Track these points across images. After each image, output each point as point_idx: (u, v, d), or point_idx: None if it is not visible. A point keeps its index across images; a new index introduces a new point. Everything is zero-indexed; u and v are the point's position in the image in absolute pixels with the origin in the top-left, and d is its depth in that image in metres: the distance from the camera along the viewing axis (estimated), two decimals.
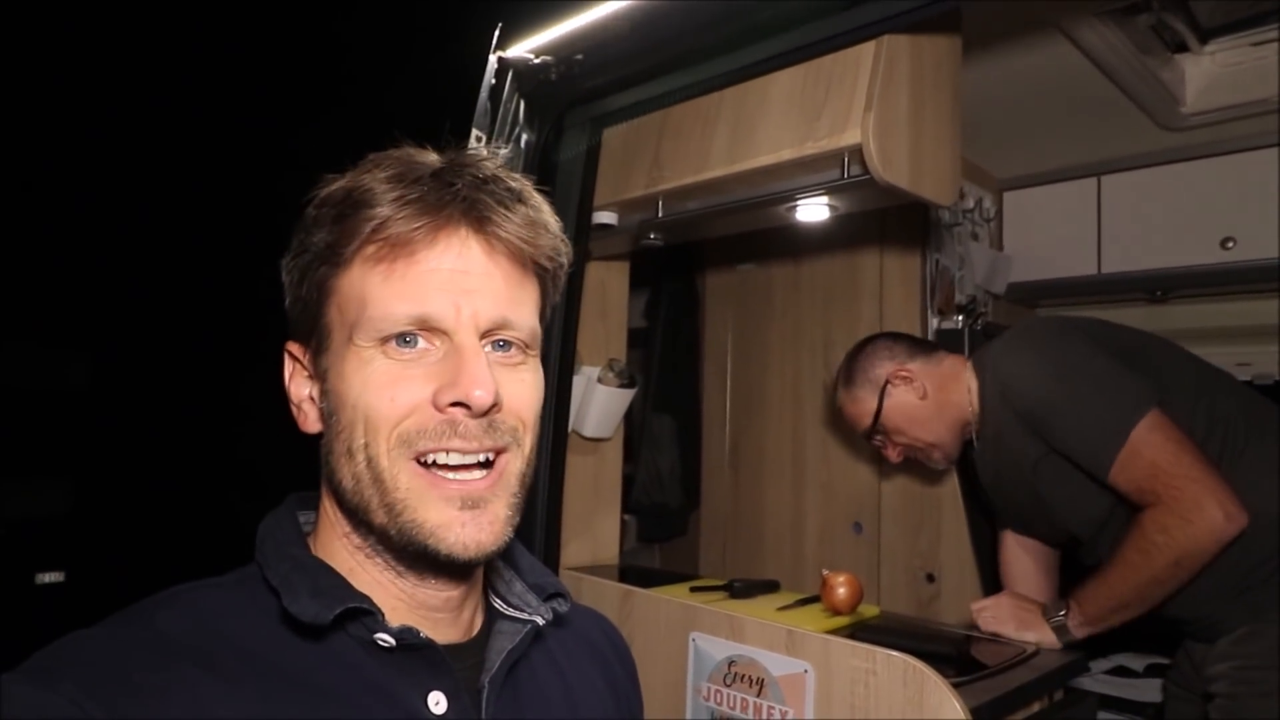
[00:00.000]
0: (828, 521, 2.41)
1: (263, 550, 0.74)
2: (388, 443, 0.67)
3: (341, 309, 0.70)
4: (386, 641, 0.69)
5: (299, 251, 0.72)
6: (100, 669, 0.61)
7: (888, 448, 1.87)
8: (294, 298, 0.74)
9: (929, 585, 2.21)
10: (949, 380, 1.78)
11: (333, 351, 0.70)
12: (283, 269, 0.75)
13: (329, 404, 0.71)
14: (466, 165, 0.70)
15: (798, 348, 2.50)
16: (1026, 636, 1.57)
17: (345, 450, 0.69)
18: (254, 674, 0.65)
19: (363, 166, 0.71)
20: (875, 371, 1.82)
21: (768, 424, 2.55)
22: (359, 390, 0.68)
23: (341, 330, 0.70)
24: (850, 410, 1.88)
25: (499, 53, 1.65)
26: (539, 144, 1.68)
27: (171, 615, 0.67)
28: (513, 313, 0.71)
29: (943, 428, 1.79)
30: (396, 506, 0.67)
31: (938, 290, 2.27)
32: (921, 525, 2.24)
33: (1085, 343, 1.61)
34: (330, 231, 0.69)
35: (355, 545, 0.73)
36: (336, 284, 0.70)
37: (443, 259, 0.68)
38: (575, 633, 0.89)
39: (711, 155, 1.56)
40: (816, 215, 1.60)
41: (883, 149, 1.33)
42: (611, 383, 2.01)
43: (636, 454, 2.70)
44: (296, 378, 0.76)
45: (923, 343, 1.89)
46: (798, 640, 1.35)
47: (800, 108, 1.43)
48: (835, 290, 2.43)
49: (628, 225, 1.79)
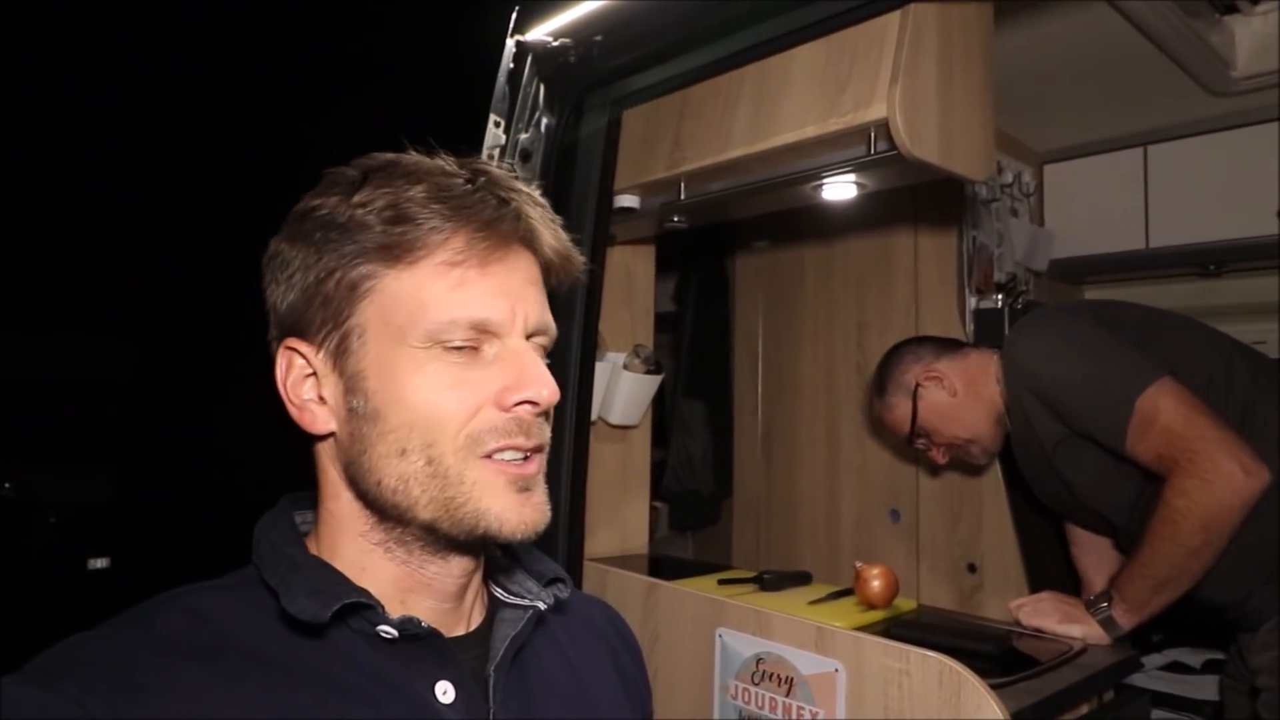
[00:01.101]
0: (864, 509, 2.35)
1: (259, 551, 0.74)
2: (455, 442, 0.69)
3: (387, 310, 0.70)
4: (389, 633, 0.69)
5: (325, 248, 0.71)
6: (102, 669, 0.61)
7: (932, 450, 1.87)
8: (306, 294, 0.72)
9: (970, 575, 2.14)
10: (977, 374, 1.78)
11: (370, 352, 0.70)
12: (284, 264, 0.73)
13: (366, 404, 0.70)
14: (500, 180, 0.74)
15: (830, 330, 2.44)
16: (1072, 631, 1.51)
17: (395, 451, 0.69)
18: (258, 672, 0.65)
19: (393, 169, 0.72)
20: (904, 377, 1.84)
21: (801, 408, 2.50)
22: (419, 392, 0.69)
23: (385, 330, 0.70)
24: (888, 419, 1.90)
25: (517, 36, 1.62)
26: (559, 127, 1.64)
27: (172, 617, 0.67)
28: (547, 318, 0.76)
29: (977, 422, 1.78)
30: (459, 499, 0.69)
31: (975, 269, 2.19)
32: (962, 512, 2.17)
33: (1091, 321, 1.61)
34: (385, 235, 0.69)
35: (374, 542, 0.73)
36: (382, 285, 0.70)
37: (502, 272, 0.72)
38: (579, 619, 0.90)
39: (733, 135, 1.51)
40: (843, 194, 1.55)
41: (910, 123, 1.27)
42: (637, 369, 1.98)
43: (667, 440, 2.67)
44: (296, 376, 0.74)
45: (947, 341, 1.90)
46: (827, 638, 1.31)
47: (823, 83, 1.37)
48: (868, 271, 2.36)
49: (650, 208, 1.75)
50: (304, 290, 0.72)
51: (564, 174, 1.65)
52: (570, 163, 1.65)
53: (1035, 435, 1.67)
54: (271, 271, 0.74)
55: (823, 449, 2.44)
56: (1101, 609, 1.51)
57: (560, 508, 1.57)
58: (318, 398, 0.73)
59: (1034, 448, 1.70)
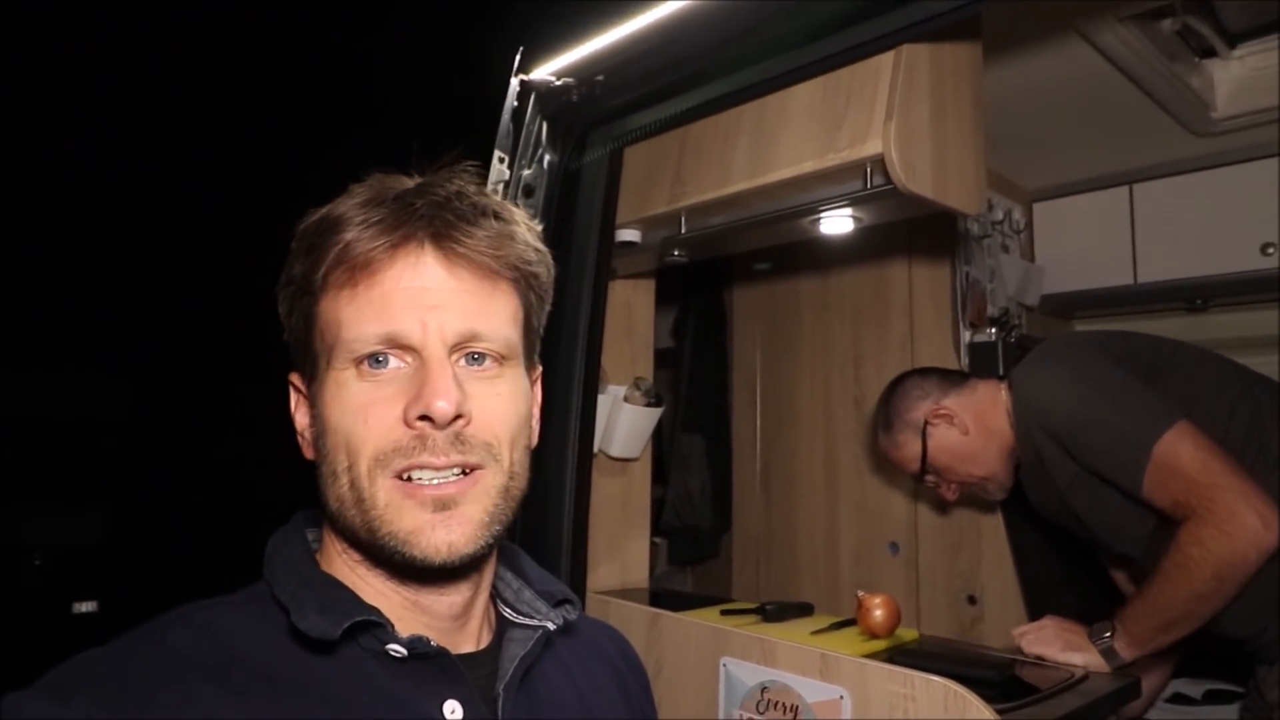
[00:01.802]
0: (863, 541, 2.36)
1: (270, 567, 0.75)
2: (367, 464, 0.68)
3: (322, 335, 0.71)
4: (398, 652, 0.69)
5: (285, 284, 0.75)
6: (113, 685, 0.61)
7: (942, 487, 1.83)
8: (288, 329, 0.76)
9: (971, 607, 2.15)
10: (987, 409, 1.74)
11: (318, 379, 0.72)
12: (278, 302, 0.77)
13: (317, 429, 0.73)
14: (431, 185, 0.72)
15: (828, 364, 2.46)
16: (1073, 659, 1.51)
17: (331, 473, 0.70)
18: (268, 688, 0.65)
19: (340, 197, 0.73)
20: (912, 414, 1.79)
21: (799, 442, 2.52)
22: (339, 414, 0.70)
23: (323, 356, 0.71)
24: (895, 456, 1.85)
25: (521, 75, 1.67)
26: (561, 164, 1.69)
27: (183, 632, 0.67)
28: (482, 324, 0.71)
29: (990, 459, 1.75)
30: (375, 522, 0.68)
31: (969, 303, 2.23)
32: (961, 544, 2.18)
33: (1103, 358, 1.58)
34: (304, 261, 0.71)
35: (355, 560, 0.74)
36: (317, 311, 0.72)
37: (402, 277, 0.69)
38: (586, 642, 0.90)
39: (733, 170, 1.55)
40: (840, 227, 1.58)
41: (905, 158, 1.31)
42: (638, 401, 1.99)
43: (666, 475, 2.68)
44: (300, 407, 0.78)
45: (951, 374, 1.86)
46: (832, 665, 1.31)
47: (820, 119, 1.42)
48: (864, 305, 2.40)
49: (651, 242, 1.78)
50: (287, 326, 0.76)
51: (566, 209, 1.69)
52: (572, 198, 1.69)
53: (1048, 472, 1.65)
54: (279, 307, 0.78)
55: (821, 482, 2.45)
56: (1104, 639, 1.51)
57: (563, 539, 1.58)
58: (309, 424, 0.76)
59: (1047, 484, 1.68)
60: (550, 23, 1.65)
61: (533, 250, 0.76)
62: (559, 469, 1.57)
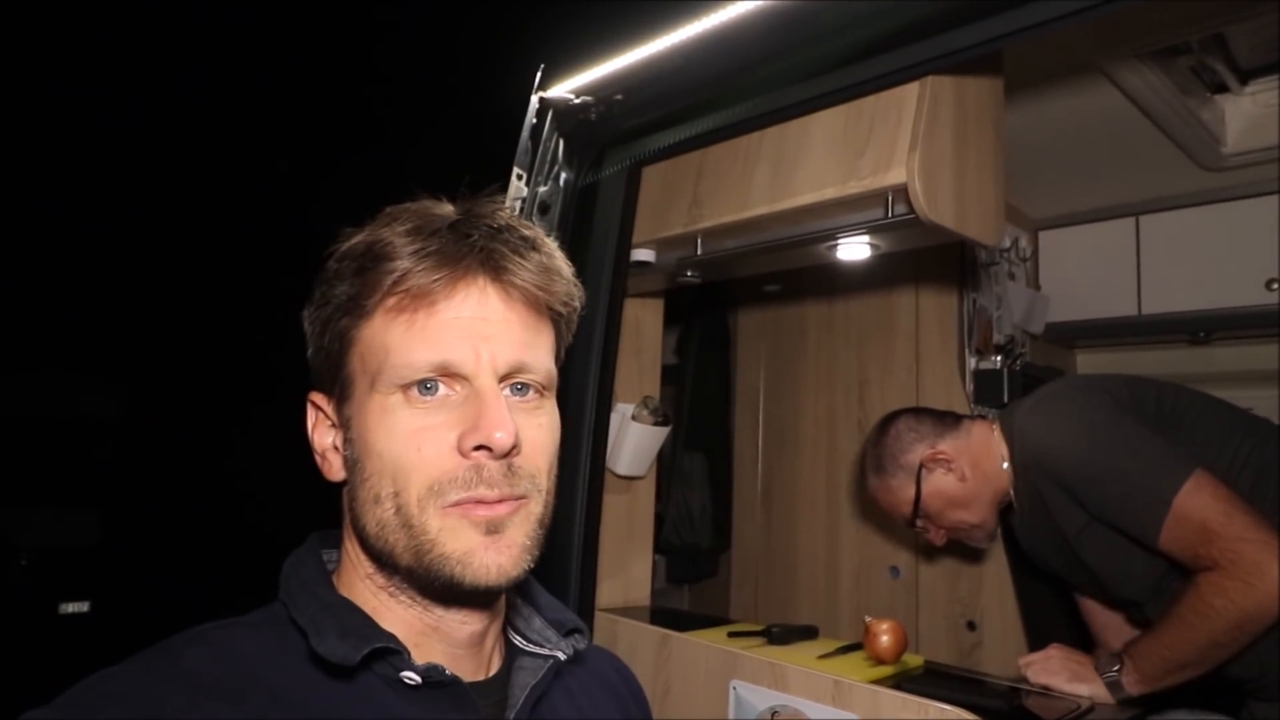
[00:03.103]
0: (863, 564, 2.36)
1: (288, 589, 0.74)
2: (418, 492, 0.68)
3: (363, 358, 0.71)
4: (413, 679, 0.70)
5: (321, 303, 0.74)
6: (133, 708, 0.61)
7: (930, 533, 1.80)
8: (316, 347, 0.76)
9: (970, 633, 2.15)
10: (982, 454, 1.71)
11: (355, 400, 0.72)
12: (304, 320, 0.76)
13: (353, 451, 0.72)
14: (482, 216, 0.73)
15: (832, 387, 2.47)
16: (1079, 690, 1.51)
17: (371, 497, 0.70)
18: (282, 713, 0.65)
19: (380, 220, 0.73)
20: (907, 457, 1.75)
21: (801, 463, 2.52)
22: (385, 440, 0.69)
23: (364, 379, 0.71)
24: (886, 500, 1.81)
25: (540, 93, 1.67)
26: (578, 182, 1.69)
27: (200, 654, 0.67)
28: (529, 356, 0.72)
29: (983, 507, 1.72)
30: (425, 546, 0.68)
31: (975, 330, 2.24)
32: (961, 570, 2.18)
33: (1112, 407, 1.55)
34: (352, 284, 0.71)
35: (379, 585, 0.74)
36: (358, 334, 0.72)
37: (462, 308, 0.70)
38: (591, 670, 0.90)
39: (752, 194, 1.55)
40: (858, 254, 1.59)
41: (928, 188, 1.32)
42: (646, 420, 1.99)
43: (667, 493, 2.67)
44: (320, 427, 0.77)
45: (945, 415, 1.81)
46: (845, 691, 1.31)
47: (843, 146, 1.42)
48: (870, 329, 2.41)
49: (665, 263, 1.79)
50: (316, 345, 0.75)
51: (582, 227, 1.69)
52: (588, 216, 1.69)
53: (1052, 522, 1.63)
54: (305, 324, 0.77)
55: (822, 504, 2.45)
56: (1111, 673, 1.51)
57: (573, 558, 1.57)
58: (333, 446, 0.76)
59: (1048, 531, 1.66)
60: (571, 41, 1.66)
61: (573, 287, 0.78)
62: (570, 488, 1.57)
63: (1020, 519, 1.73)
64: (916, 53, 1.25)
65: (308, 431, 0.78)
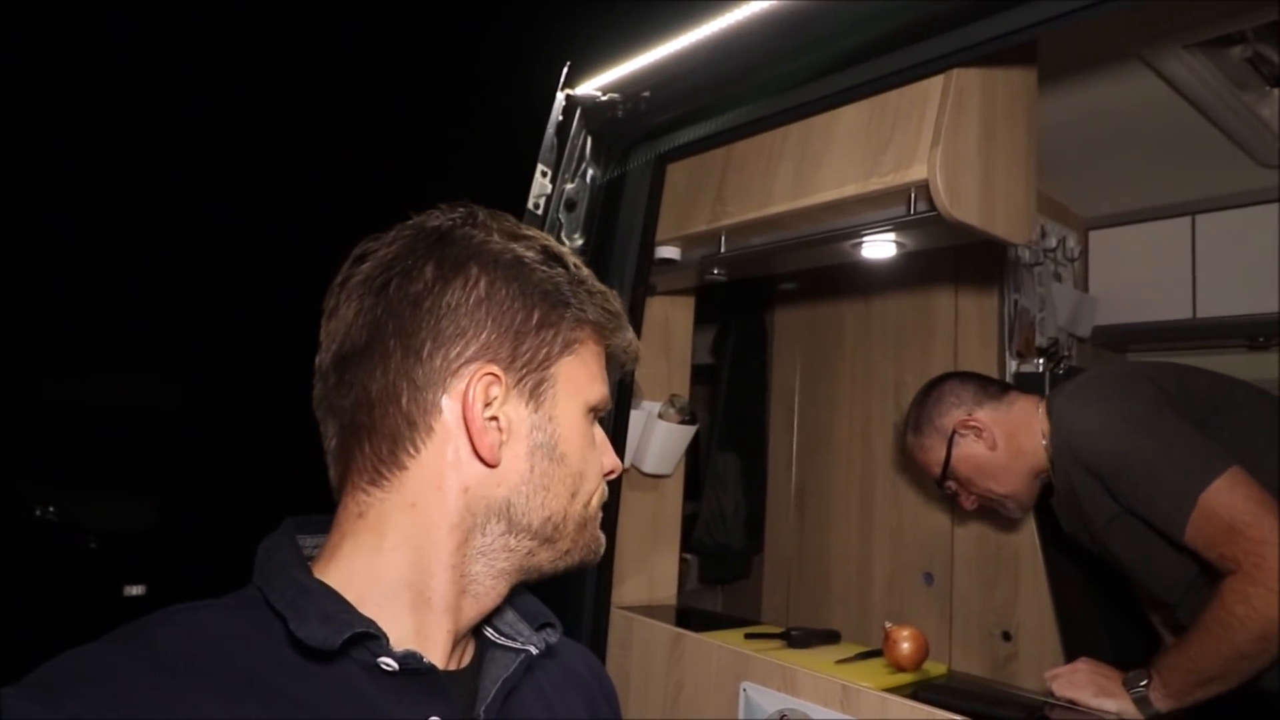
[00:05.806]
0: (896, 570, 2.31)
1: (264, 573, 0.74)
2: (587, 496, 0.81)
3: (576, 372, 0.80)
4: (390, 666, 0.69)
5: (556, 305, 0.78)
6: (103, 688, 0.61)
7: (961, 496, 1.81)
8: (516, 333, 0.75)
9: (1005, 644, 2.09)
10: (1020, 428, 1.69)
11: (560, 402, 0.78)
12: (492, 299, 0.75)
13: (555, 447, 0.78)
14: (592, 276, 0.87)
15: (868, 389, 2.42)
16: (1106, 705, 1.45)
17: (568, 492, 0.78)
18: (256, 696, 0.65)
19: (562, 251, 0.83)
20: (942, 420, 1.76)
21: (835, 466, 2.48)
22: (579, 448, 0.80)
23: (570, 386, 0.79)
24: (919, 458, 1.83)
25: (567, 90, 1.67)
26: (604, 179, 1.69)
27: (171, 635, 0.67)
28: None
29: (1014, 478, 1.71)
30: (588, 535, 0.81)
31: (1017, 332, 2.17)
32: (997, 578, 2.12)
33: (1152, 396, 1.50)
34: (598, 313, 0.81)
35: (453, 565, 0.74)
36: (580, 350, 0.80)
37: None
38: (561, 665, 0.90)
39: (775, 191, 1.53)
40: (883, 252, 1.56)
41: (950, 185, 1.28)
42: (672, 419, 1.99)
43: (700, 492, 2.66)
44: (485, 399, 0.75)
45: (992, 384, 1.80)
46: (853, 696, 1.28)
47: (865, 143, 1.40)
48: (907, 330, 2.35)
49: (690, 260, 1.78)
50: (516, 329, 0.75)
51: (607, 224, 1.69)
52: (614, 213, 1.69)
53: (1079, 508, 1.60)
54: (469, 300, 0.75)
55: (856, 508, 2.41)
56: (1139, 689, 1.45)
57: None
58: (496, 426, 0.75)
59: (1081, 518, 1.63)
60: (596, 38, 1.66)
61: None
62: None
63: (1058, 501, 1.70)
64: (939, 45, 1.23)
65: (465, 399, 0.74)
